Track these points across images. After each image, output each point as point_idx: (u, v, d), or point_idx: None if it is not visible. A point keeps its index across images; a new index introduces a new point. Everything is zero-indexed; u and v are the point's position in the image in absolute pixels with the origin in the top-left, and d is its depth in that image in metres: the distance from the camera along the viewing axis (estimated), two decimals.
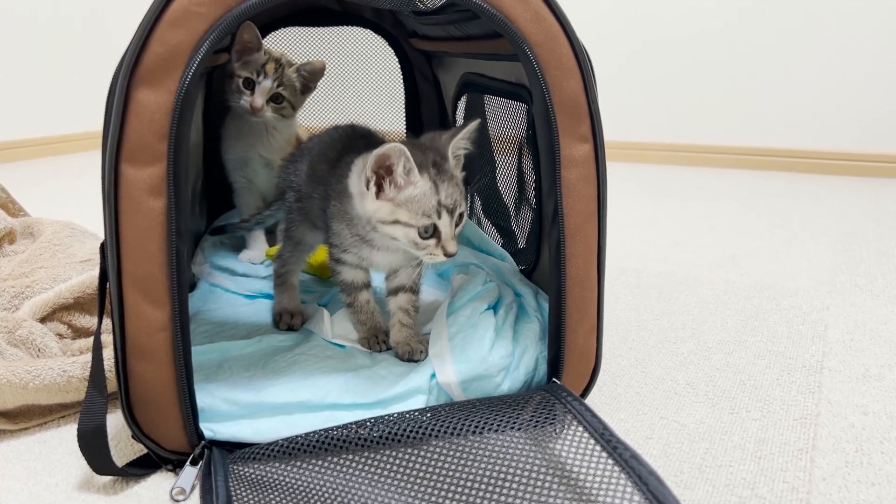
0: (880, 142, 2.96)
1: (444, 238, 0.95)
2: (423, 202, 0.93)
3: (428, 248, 0.95)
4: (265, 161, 1.54)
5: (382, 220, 0.95)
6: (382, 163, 0.91)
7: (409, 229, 0.94)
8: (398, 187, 0.93)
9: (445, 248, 0.95)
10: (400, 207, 0.94)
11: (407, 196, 0.93)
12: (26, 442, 0.99)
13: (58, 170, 3.14)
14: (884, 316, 1.42)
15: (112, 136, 0.81)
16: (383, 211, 0.95)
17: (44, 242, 1.34)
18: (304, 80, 1.48)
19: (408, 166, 0.91)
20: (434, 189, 0.93)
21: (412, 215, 0.94)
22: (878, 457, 0.94)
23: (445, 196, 0.94)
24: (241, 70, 1.42)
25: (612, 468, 0.76)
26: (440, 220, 0.94)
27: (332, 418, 0.94)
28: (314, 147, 1.20)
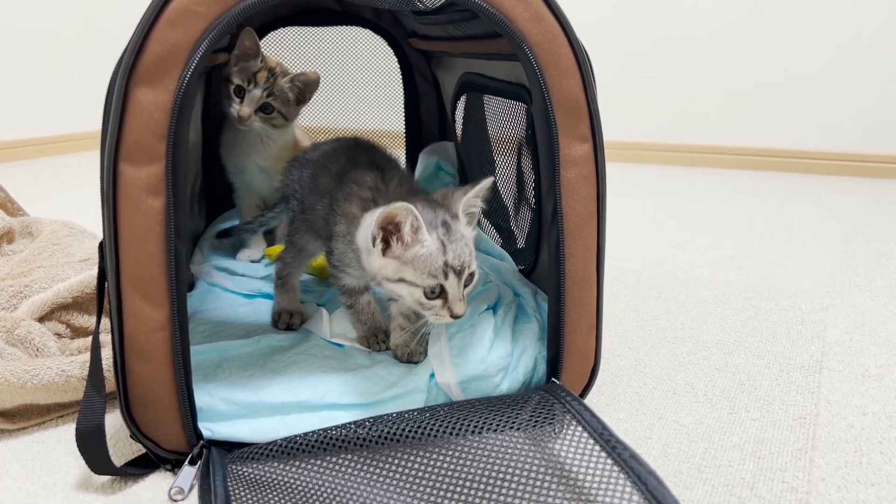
0: (880, 142, 2.96)
1: (451, 299, 0.92)
2: (429, 262, 0.90)
3: (434, 309, 0.92)
4: (261, 168, 1.54)
5: (388, 278, 0.93)
6: (390, 220, 0.89)
7: (415, 289, 0.91)
8: (405, 245, 0.91)
9: (452, 310, 0.92)
10: (406, 266, 0.91)
11: (413, 255, 0.90)
12: (24, 441, 0.99)
13: (56, 169, 3.14)
14: (883, 316, 1.42)
15: (111, 135, 0.81)
16: (389, 268, 0.92)
17: (42, 242, 1.33)
18: (299, 90, 1.47)
19: (415, 225, 0.89)
20: (441, 249, 0.90)
21: (418, 275, 0.91)
22: (877, 457, 0.94)
23: (453, 257, 0.90)
24: (235, 76, 1.41)
25: (612, 468, 0.76)
26: (447, 280, 0.91)
27: (331, 418, 0.94)
28: (318, 158, 1.19)
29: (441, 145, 1.71)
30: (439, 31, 1.38)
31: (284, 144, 1.55)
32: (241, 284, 1.42)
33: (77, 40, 3.54)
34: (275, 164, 1.52)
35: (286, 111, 1.47)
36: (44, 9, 3.39)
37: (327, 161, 1.15)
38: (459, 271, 0.91)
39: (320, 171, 1.14)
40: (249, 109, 1.42)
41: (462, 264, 0.91)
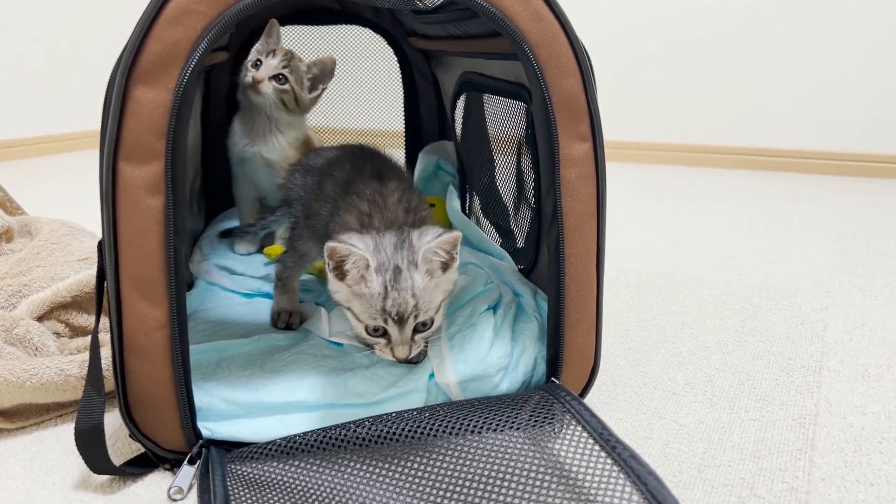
0: (880, 142, 2.96)
1: (394, 342, 0.92)
2: (371, 303, 0.90)
3: (378, 346, 0.93)
4: (266, 161, 1.53)
5: (339, 303, 0.94)
6: (332, 255, 0.89)
7: (358, 323, 0.92)
8: (359, 278, 0.91)
9: (394, 352, 0.92)
10: (354, 298, 0.91)
11: (359, 290, 0.90)
12: (23, 441, 0.99)
13: (56, 168, 3.14)
14: (883, 316, 1.42)
15: (110, 134, 0.81)
16: (341, 294, 0.93)
17: (41, 241, 1.33)
18: (314, 77, 1.49)
19: (364, 263, 0.89)
20: (382, 294, 0.89)
21: (362, 311, 0.91)
22: (876, 457, 0.94)
23: (392, 304, 0.89)
24: (254, 54, 1.45)
25: (611, 468, 0.76)
26: (387, 325, 0.90)
27: (330, 418, 0.94)
28: (323, 165, 1.19)
29: (441, 144, 1.71)
30: (439, 30, 1.38)
31: (293, 140, 1.54)
32: (240, 283, 1.42)
33: (76, 39, 3.54)
34: (280, 159, 1.52)
35: (299, 93, 1.48)
36: (44, 8, 3.38)
37: (333, 168, 1.15)
38: (398, 319, 0.90)
39: (326, 179, 1.14)
40: (265, 73, 1.43)
41: (402, 313, 0.89)
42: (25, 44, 3.34)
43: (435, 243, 0.91)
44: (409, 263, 0.91)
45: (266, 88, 1.44)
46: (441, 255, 0.93)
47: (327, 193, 1.11)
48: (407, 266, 0.90)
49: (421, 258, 0.91)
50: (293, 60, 1.46)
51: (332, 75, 1.51)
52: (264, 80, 1.43)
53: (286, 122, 1.53)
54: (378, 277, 0.89)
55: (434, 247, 0.91)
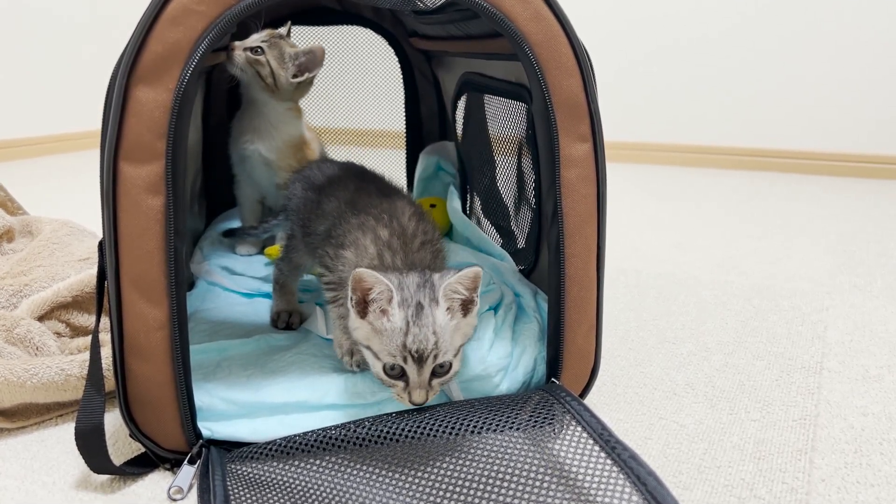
0: (880, 143, 2.96)
1: (411, 384, 0.88)
2: (392, 338, 0.87)
3: (395, 389, 0.89)
4: (265, 160, 1.54)
5: (359, 341, 0.91)
6: (358, 282, 0.87)
7: (377, 362, 0.89)
8: (381, 314, 0.88)
9: (411, 395, 0.88)
10: (375, 335, 0.88)
11: (381, 326, 0.88)
12: (24, 440, 0.99)
13: (56, 168, 3.14)
14: (883, 317, 1.42)
15: (111, 134, 0.81)
16: (361, 332, 0.90)
17: (42, 241, 1.33)
18: (302, 63, 1.46)
19: (388, 295, 0.87)
20: (404, 330, 0.86)
21: (382, 349, 0.88)
22: (877, 458, 0.94)
23: (413, 340, 0.86)
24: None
25: (611, 468, 0.76)
26: (406, 364, 0.87)
27: (330, 418, 0.94)
28: (325, 184, 1.18)
29: (441, 145, 1.71)
30: (440, 30, 1.38)
31: (290, 139, 1.54)
32: (240, 283, 1.42)
33: (77, 39, 3.54)
34: (279, 157, 1.53)
35: (277, 71, 1.45)
36: (45, 8, 3.38)
37: (336, 188, 1.14)
38: (419, 358, 0.87)
39: (327, 198, 1.13)
40: (242, 44, 1.42)
41: (422, 351, 0.86)
42: (26, 43, 3.34)
43: (455, 279, 0.89)
44: (430, 301, 0.89)
45: (238, 57, 1.42)
46: (462, 291, 0.90)
47: (327, 211, 1.11)
48: (429, 303, 0.88)
49: (442, 295, 0.89)
50: (278, 40, 1.45)
51: (320, 64, 1.49)
52: (238, 48, 1.42)
53: (277, 113, 1.52)
54: (401, 312, 0.87)
55: (454, 282, 0.89)
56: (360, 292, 0.88)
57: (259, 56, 1.43)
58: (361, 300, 0.89)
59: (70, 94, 3.52)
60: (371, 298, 0.88)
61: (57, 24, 3.45)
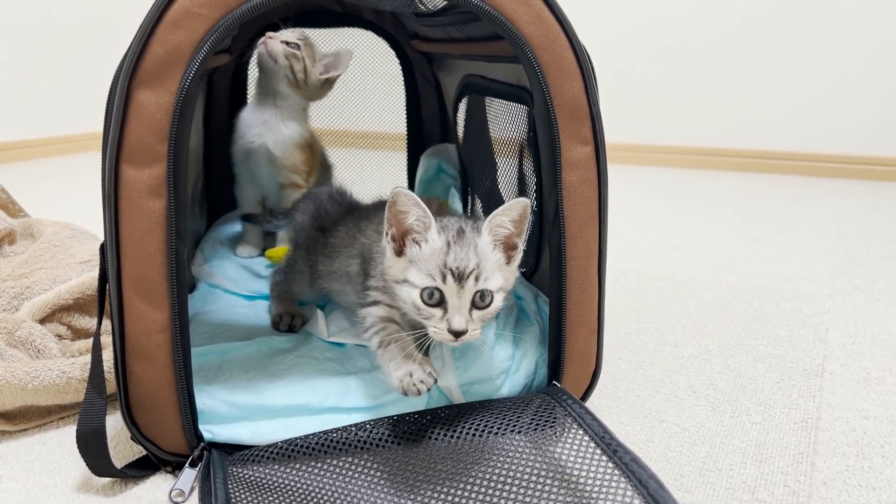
0: (881, 145, 2.96)
1: (450, 308, 0.84)
2: (430, 260, 0.85)
3: (432, 320, 0.85)
4: (270, 157, 1.53)
5: (395, 279, 0.88)
6: (395, 203, 0.86)
7: (413, 290, 0.86)
8: (417, 245, 0.87)
9: (450, 322, 0.84)
10: (411, 265, 0.86)
11: (418, 253, 0.86)
12: (25, 443, 0.99)
13: (58, 171, 3.14)
14: (885, 319, 1.42)
15: (112, 136, 0.81)
16: (396, 268, 0.88)
17: (44, 243, 1.33)
18: (328, 63, 1.52)
19: (426, 221, 0.85)
20: (444, 249, 0.85)
21: (418, 274, 0.85)
22: (878, 461, 0.94)
23: (454, 258, 0.84)
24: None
25: (613, 471, 0.76)
26: (445, 284, 0.84)
27: (332, 421, 0.94)
28: (336, 216, 1.20)
29: (442, 147, 1.71)
30: (441, 32, 1.38)
31: (299, 137, 1.55)
32: (241, 285, 1.41)
33: (78, 40, 3.54)
34: (284, 155, 1.53)
35: (309, 68, 1.49)
36: (46, 9, 3.39)
37: (337, 222, 1.16)
38: (459, 276, 0.84)
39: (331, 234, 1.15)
40: (279, 36, 1.46)
41: (463, 269, 0.84)
42: (27, 45, 3.34)
43: (500, 210, 0.88)
44: (472, 229, 0.88)
45: (275, 46, 1.45)
46: (507, 224, 0.88)
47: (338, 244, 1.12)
48: (470, 230, 0.88)
49: (486, 227, 0.88)
50: (309, 40, 1.50)
51: (346, 66, 1.53)
52: (277, 39, 1.45)
53: (292, 110, 1.53)
54: (441, 236, 0.86)
55: (499, 213, 0.88)
56: (395, 222, 0.86)
57: (296, 50, 1.47)
58: (398, 235, 0.87)
59: (71, 95, 3.52)
60: (407, 227, 0.86)
61: (58, 25, 3.45)
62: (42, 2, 3.36)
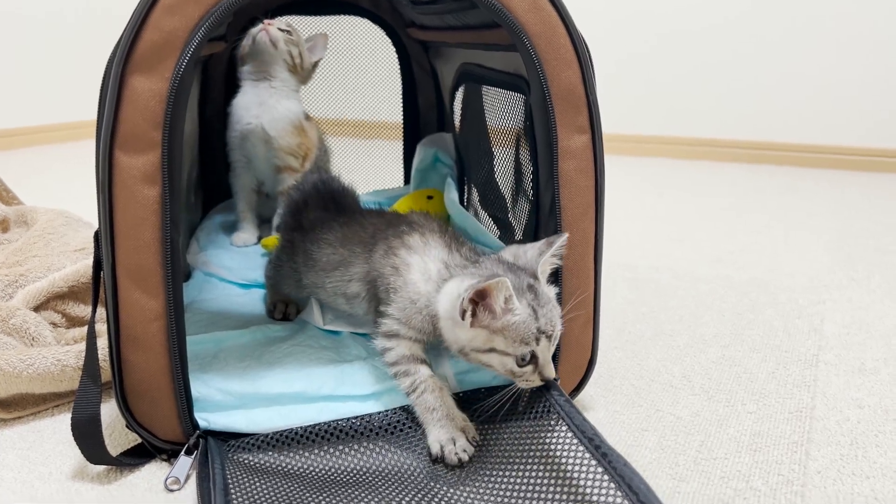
0: (879, 137, 2.96)
1: (542, 363, 0.87)
2: (521, 330, 0.85)
3: (524, 375, 0.87)
4: (266, 137, 1.53)
5: (477, 349, 0.87)
6: (485, 295, 0.84)
7: (506, 358, 0.86)
8: (494, 314, 0.85)
9: (543, 374, 0.87)
10: (496, 335, 0.85)
11: (504, 324, 0.85)
12: (20, 431, 0.98)
13: (52, 158, 3.13)
14: (880, 311, 1.42)
15: (106, 123, 0.80)
16: (478, 339, 0.87)
17: (37, 231, 1.33)
18: (310, 48, 1.60)
19: (507, 295, 0.84)
20: (533, 316, 0.85)
21: (509, 343, 0.85)
22: (872, 450, 0.94)
23: (545, 322, 0.86)
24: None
25: (602, 476, 0.75)
26: (538, 346, 0.86)
27: (327, 409, 0.94)
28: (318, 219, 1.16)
29: (439, 136, 1.70)
30: (437, 20, 1.37)
31: (294, 117, 1.56)
32: (237, 274, 1.41)
33: (72, 27, 3.52)
34: (280, 135, 1.53)
35: (304, 53, 1.57)
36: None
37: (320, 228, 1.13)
38: (550, 335, 0.87)
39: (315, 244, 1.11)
40: (272, 22, 1.51)
41: (553, 328, 0.87)
42: (20, 31, 3.32)
43: (551, 251, 0.90)
44: (534, 279, 0.89)
45: (276, 32, 1.50)
46: (556, 262, 0.92)
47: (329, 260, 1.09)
48: (534, 282, 0.89)
49: (540, 269, 0.90)
50: (293, 27, 1.57)
51: (324, 49, 1.61)
52: (275, 25, 1.50)
53: (287, 90, 1.57)
54: (522, 301, 0.85)
55: (550, 255, 0.90)
56: (476, 304, 0.85)
57: (293, 37, 1.54)
58: (476, 308, 0.86)
59: (66, 82, 3.49)
60: (483, 303, 0.85)
61: (51, 11, 3.43)
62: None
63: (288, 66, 1.55)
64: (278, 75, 1.55)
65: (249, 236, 1.59)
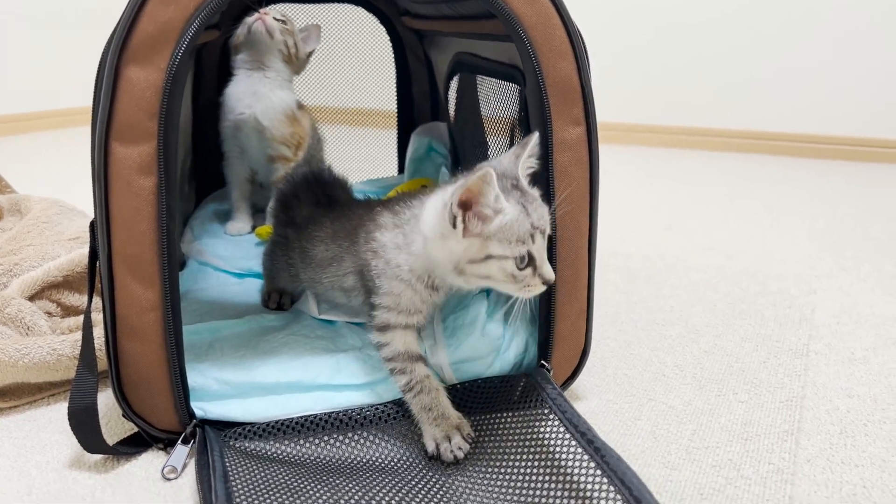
0: (870, 126, 2.97)
1: (540, 263, 0.85)
2: (515, 228, 0.83)
3: (525, 280, 0.85)
4: (259, 127, 1.53)
5: (472, 260, 0.84)
6: (473, 193, 0.81)
7: (506, 262, 0.83)
8: (484, 219, 0.83)
9: (543, 276, 0.85)
10: (490, 240, 0.83)
11: (497, 226, 0.82)
12: (16, 420, 0.99)
13: (45, 146, 3.11)
14: (870, 300, 1.43)
15: (102, 113, 0.80)
16: (473, 249, 0.84)
17: (32, 220, 1.32)
18: (304, 38, 1.59)
19: (496, 193, 0.82)
20: (525, 212, 0.83)
21: (506, 245, 0.83)
22: (861, 439, 0.95)
23: (537, 218, 0.84)
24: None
25: (595, 471, 0.76)
26: (534, 244, 0.84)
27: (323, 398, 0.94)
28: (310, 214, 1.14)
29: (433, 125, 1.70)
30: (432, 9, 1.37)
31: (287, 107, 1.56)
32: (231, 263, 1.41)
33: (66, 13, 3.49)
34: (273, 125, 1.53)
35: (298, 43, 1.56)
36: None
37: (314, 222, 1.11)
38: (544, 231, 0.85)
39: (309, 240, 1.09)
40: (267, 11, 1.50)
41: (545, 223, 0.85)
42: (14, 17, 3.29)
43: (526, 153, 0.88)
44: (514, 179, 0.87)
45: (272, 22, 1.50)
46: (534, 162, 0.90)
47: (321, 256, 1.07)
48: (517, 181, 0.86)
49: (521, 172, 0.87)
50: (288, 17, 1.56)
51: (318, 41, 1.60)
52: (271, 15, 1.50)
53: (281, 80, 1.56)
54: (510, 200, 0.83)
55: (526, 156, 0.88)
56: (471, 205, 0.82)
57: (288, 27, 1.54)
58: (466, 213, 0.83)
59: (59, 69, 3.46)
60: (471, 212, 0.83)
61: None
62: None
63: (283, 55, 1.54)
64: (273, 65, 1.54)
65: (244, 225, 1.59)
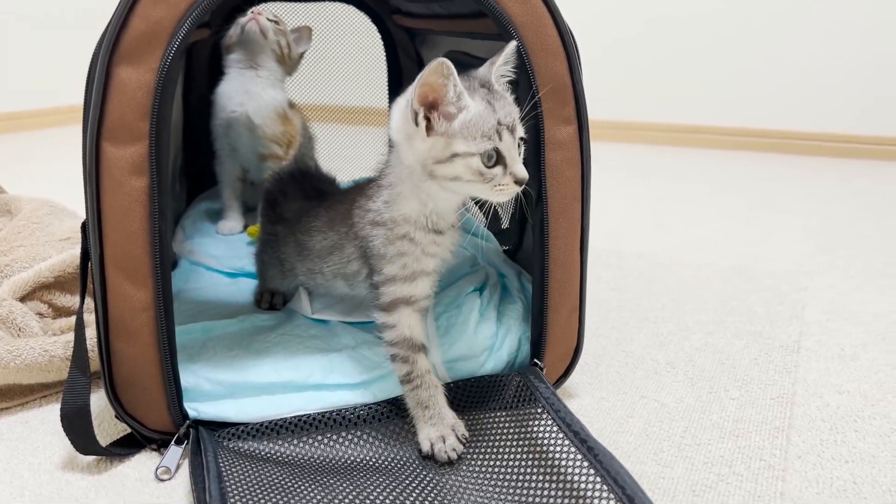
0: (862, 124, 2.98)
1: (510, 161, 0.82)
2: (480, 124, 0.81)
3: (496, 179, 0.82)
4: (251, 125, 1.53)
5: (438, 159, 0.82)
6: (431, 87, 0.80)
7: (471, 159, 0.81)
8: (448, 117, 0.81)
9: (515, 174, 0.82)
10: (455, 138, 0.81)
11: (461, 123, 0.81)
12: (7, 422, 0.98)
13: (35, 145, 3.09)
14: (860, 297, 1.44)
15: (93, 114, 0.80)
16: (437, 147, 0.82)
17: (22, 220, 1.32)
18: (296, 39, 1.60)
19: (458, 89, 0.80)
20: (490, 108, 0.82)
21: (470, 142, 0.81)
22: (852, 435, 0.96)
23: (504, 115, 0.82)
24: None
25: (588, 469, 0.76)
26: (501, 141, 0.81)
27: (316, 398, 0.94)
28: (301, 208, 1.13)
29: None
30: (423, 8, 1.37)
31: (279, 105, 1.56)
32: (223, 263, 1.41)
33: (58, 11, 3.46)
34: (265, 123, 1.53)
35: (291, 43, 1.57)
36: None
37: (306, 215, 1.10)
38: (512, 129, 0.83)
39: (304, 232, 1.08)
40: (260, 10, 1.51)
41: (513, 121, 0.83)
42: (14, 17, 3.26)
43: (501, 60, 0.86)
44: (488, 83, 0.85)
45: (266, 22, 1.50)
46: (509, 70, 0.87)
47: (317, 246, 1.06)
48: (487, 82, 0.85)
49: (494, 79, 0.86)
50: (280, 18, 1.57)
51: (309, 42, 1.62)
52: (265, 15, 1.50)
53: (273, 79, 1.56)
54: (475, 97, 0.82)
55: (500, 64, 0.86)
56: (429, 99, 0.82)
57: (281, 27, 1.54)
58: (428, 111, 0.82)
59: (50, 68, 3.44)
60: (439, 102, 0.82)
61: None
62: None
63: (276, 55, 1.55)
64: (265, 65, 1.54)
65: (235, 224, 1.59)
